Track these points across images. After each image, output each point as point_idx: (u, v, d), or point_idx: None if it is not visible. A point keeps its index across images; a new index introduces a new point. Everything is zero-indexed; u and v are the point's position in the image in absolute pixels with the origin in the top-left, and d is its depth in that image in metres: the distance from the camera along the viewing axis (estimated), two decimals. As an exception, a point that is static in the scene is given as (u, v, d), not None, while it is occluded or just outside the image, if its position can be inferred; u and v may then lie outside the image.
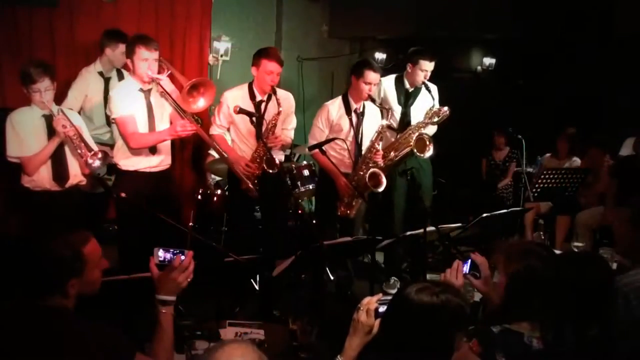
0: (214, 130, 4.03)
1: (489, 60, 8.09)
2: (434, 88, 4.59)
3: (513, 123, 5.76)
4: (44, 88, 3.49)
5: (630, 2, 5.84)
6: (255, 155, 3.92)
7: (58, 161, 3.64)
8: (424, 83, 4.48)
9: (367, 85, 4.11)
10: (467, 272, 2.31)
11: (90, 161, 3.51)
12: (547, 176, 5.00)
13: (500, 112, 7.30)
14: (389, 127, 4.61)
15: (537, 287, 2.05)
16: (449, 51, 4.61)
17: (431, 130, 4.55)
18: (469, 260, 2.29)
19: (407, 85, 4.59)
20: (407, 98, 4.60)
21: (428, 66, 4.43)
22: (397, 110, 4.60)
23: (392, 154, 4.48)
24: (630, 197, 2.87)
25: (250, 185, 3.84)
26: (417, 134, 4.42)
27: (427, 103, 4.54)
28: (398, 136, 4.54)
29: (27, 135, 3.57)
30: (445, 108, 4.44)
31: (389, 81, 4.65)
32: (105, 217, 4.70)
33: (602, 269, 2.27)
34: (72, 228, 1.94)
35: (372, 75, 4.10)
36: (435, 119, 4.44)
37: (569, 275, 2.12)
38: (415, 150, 4.39)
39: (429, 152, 4.43)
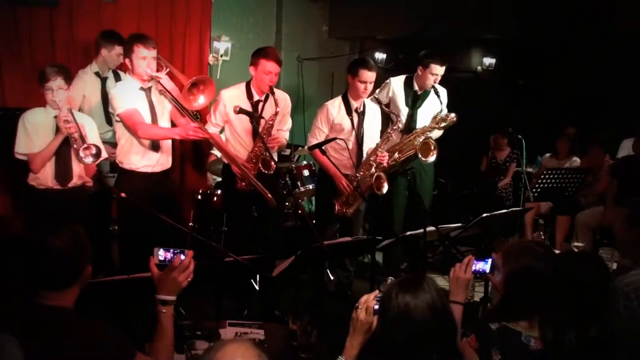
0: (209, 129, 4.03)
1: (489, 60, 8.11)
2: (443, 92, 4.56)
3: (513, 123, 5.76)
4: (56, 87, 3.53)
5: (631, 2, 5.84)
6: (251, 155, 3.92)
7: (62, 161, 3.67)
8: (433, 87, 4.47)
9: (363, 84, 4.11)
10: (488, 271, 2.31)
11: (82, 154, 3.52)
12: (547, 176, 5.00)
13: (500, 112, 7.30)
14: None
15: (534, 285, 2.05)
16: (449, 51, 4.59)
17: (436, 134, 4.54)
18: (490, 260, 2.30)
19: (416, 88, 4.58)
20: (415, 100, 4.58)
21: (439, 70, 4.41)
22: (404, 111, 4.60)
23: (397, 155, 4.48)
24: (630, 196, 2.88)
25: (269, 196, 3.82)
26: (422, 137, 4.41)
27: (434, 107, 4.52)
28: (403, 137, 4.54)
29: (36, 133, 3.60)
30: (453, 114, 4.42)
31: (399, 82, 4.64)
32: (110, 216, 4.71)
33: (598, 268, 2.28)
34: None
35: (367, 74, 4.09)
36: (442, 124, 4.43)
37: (565, 274, 2.13)
38: (419, 155, 4.38)
39: (433, 157, 4.42)
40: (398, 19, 6.80)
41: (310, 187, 5.05)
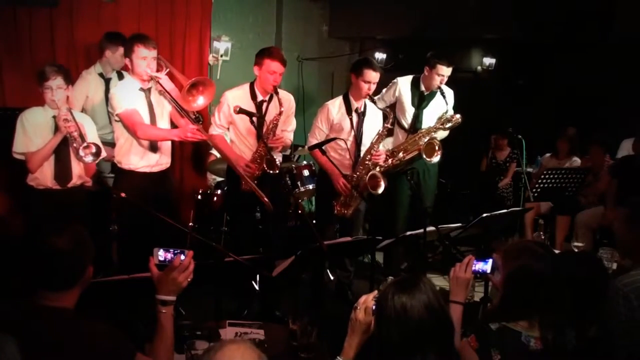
0: (214, 130, 4.03)
1: (489, 60, 8.10)
2: (449, 93, 4.56)
3: (513, 123, 5.77)
4: (56, 86, 3.53)
5: (630, 2, 5.84)
6: (255, 156, 3.91)
7: (61, 161, 3.67)
8: (439, 87, 4.47)
9: (367, 84, 4.10)
10: (489, 272, 2.31)
11: (82, 153, 3.52)
12: (547, 176, 5.00)
13: (500, 112, 7.30)
14: (400, 126, 4.63)
15: (533, 285, 2.06)
16: (449, 51, 4.59)
17: (441, 135, 4.54)
18: (490, 260, 2.29)
19: (423, 88, 4.58)
20: (421, 100, 4.59)
21: (445, 71, 4.42)
22: (410, 111, 4.60)
23: (401, 154, 4.48)
24: (630, 196, 2.88)
25: (265, 200, 3.82)
26: (427, 138, 4.42)
27: (440, 107, 4.51)
28: (408, 137, 4.54)
29: (35, 132, 3.61)
30: (458, 115, 4.43)
31: (406, 82, 4.64)
32: (109, 216, 4.71)
33: (597, 268, 2.28)
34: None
35: (371, 74, 4.09)
36: (447, 125, 4.43)
37: (565, 274, 2.13)
38: (423, 155, 4.39)
39: (437, 158, 4.42)
40: (398, 19, 6.80)
41: (310, 187, 5.05)
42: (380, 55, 7.27)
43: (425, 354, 1.72)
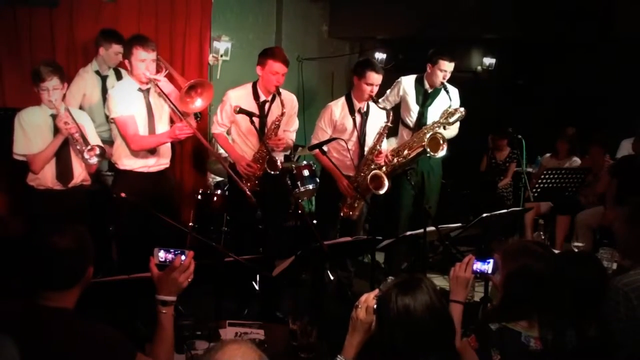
0: (216, 129, 4.03)
1: (489, 60, 8.10)
2: (454, 91, 4.56)
3: (513, 123, 5.76)
4: (52, 87, 3.52)
5: (630, 2, 5.84)
6: (257, 156, 3.91)
7: (62, 161, 3.66)
8: (443, 85, 4.47)
9: (369, 86, 4.09)
10: (490, 272, 2.31)
11: (87, 156, 3.52)
12: (547, 176, 5.00)
13: (500, 112, 7.30)
14: (405, 125, 4.63)
15: (533, 285, 2.06)
16: (449, 51, 4.60)
17: (450, 133, 4.53)
18: (491, 260, 2.29)
19: (427, 86, 4.59)
20: (425, 98, 4.60)
21: (447, 67, 4.42)
22: (415, 109, 4.61)
23: (406, 152, 4.47)
24: (630, 196, 2.88)
25: (248, 193, 3.81)
26: (431, 133, 4.41)
27: (444, 105, 4.50)
28: (413, 135, 4.54)
29: (34, 133, 3.59)
30: (462, 108, 4.41)
31: (409, 80, 4.65)
32: (110, 216, 4.71)
33: (594, 268, 2.28)
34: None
35: (373, 76, 4.07)
36: (451, 119, 4.41)
37: (564, 274, 2.13)
38: (428, 149, 4.37)
39: (442, 152, 4.38)
40: (398, 19, 6.79)
41: (310, 187, 5.05)
42: (380, 55, 7.27)
43: (428, 354, 1.72)
